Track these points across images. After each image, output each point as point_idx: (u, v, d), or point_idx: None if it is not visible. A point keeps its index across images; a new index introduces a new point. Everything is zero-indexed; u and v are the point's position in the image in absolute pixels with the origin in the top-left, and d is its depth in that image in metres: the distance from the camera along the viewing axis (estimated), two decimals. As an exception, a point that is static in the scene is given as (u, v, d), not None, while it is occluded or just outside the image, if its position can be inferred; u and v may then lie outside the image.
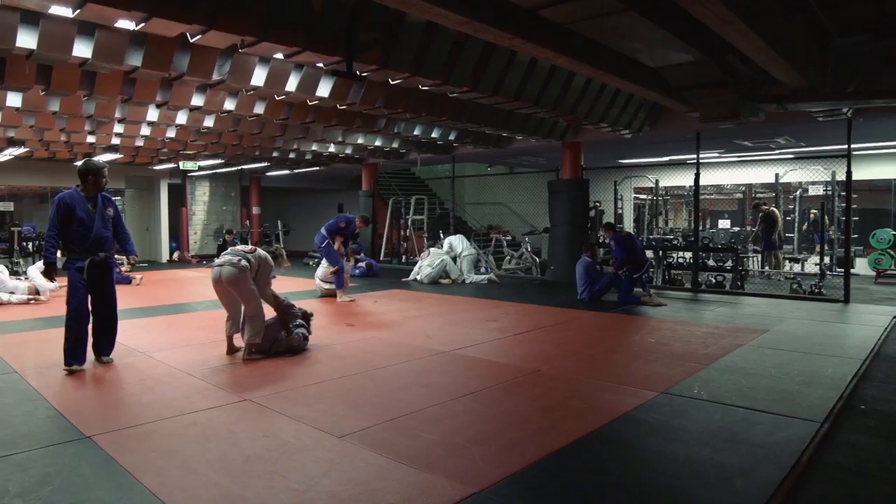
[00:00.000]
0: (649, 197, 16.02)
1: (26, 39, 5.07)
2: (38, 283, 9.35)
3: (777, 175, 14.35)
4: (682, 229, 15.80)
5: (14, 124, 9.19)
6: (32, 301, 9.14)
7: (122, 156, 14.06)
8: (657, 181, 14.93)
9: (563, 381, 4.85)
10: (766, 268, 12.95)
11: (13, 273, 11.13)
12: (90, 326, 5.29)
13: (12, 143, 11.67)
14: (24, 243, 15.28)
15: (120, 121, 9.15)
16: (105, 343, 5.39)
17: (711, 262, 11.46)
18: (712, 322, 7.39)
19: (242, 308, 5.60)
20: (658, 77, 7.20)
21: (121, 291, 10.89)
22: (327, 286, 9.67)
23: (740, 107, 7.14)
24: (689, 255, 11.49)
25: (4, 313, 8.18)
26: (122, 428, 3.75)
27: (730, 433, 3.65)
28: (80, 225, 5.07)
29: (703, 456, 3.32)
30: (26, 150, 12.72)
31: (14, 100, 7.58)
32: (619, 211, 14.67)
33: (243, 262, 5.47)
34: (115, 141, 11.45)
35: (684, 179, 13.24)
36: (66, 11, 4.60)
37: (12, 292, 9.13)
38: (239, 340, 5.70)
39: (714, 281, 10.67)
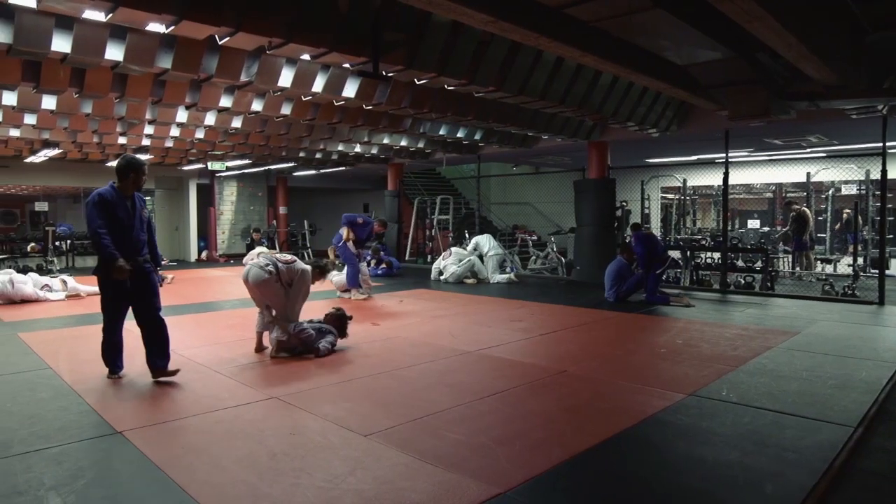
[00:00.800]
0: (677, 196, 15.84)
1: (61, 43, 5.18)
2: (80, 288, 9.61)
3: (808, 174, 14.09)
4: (711, 229, 15.60)
5: (49, 126, 9.40)
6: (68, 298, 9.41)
7: (152, 156, 14.29)
8: (685, 180, 14.77)
9: (589, 381, 4.82)
10: (797, 269, 12.72)
11: (47, 272, 11.38)
12: (141, 338, 4.95)
13: (47, 144, 11.95)
14: (58, 243, 15.64)
15: (150, 122, 9.32)
16: (159, 353, 4.89)
17: (740, 263, 11.31)
18: (741, 323, 7.28)
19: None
20: (686, 75, 7.11)
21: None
22: (349, 296, 9.74)
23: (770, 105, 7.03)
24: (717, 255, 11.33)
25: (40, 310, 8.38)
26: (152, 424, 3.82)
27: (759, 436, 3.59)
28: (120, 226, 4.69)
29: (731, 459, 3.27)
30: (60, 151, 13.03)
31: (49, 102, 7.75)
32: (646, 211, 14.55)
33: (270, 268, 5.56)
34: (146, 142, 11.64)
35: (713, 179, 13.07)
36: (98, 16, 4.68)
37: (47, 286, 9.39)
38: (267, 339, 5.77)
39: (743, 282, 10.52)
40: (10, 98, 7.43)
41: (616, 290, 9.06)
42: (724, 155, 10.26)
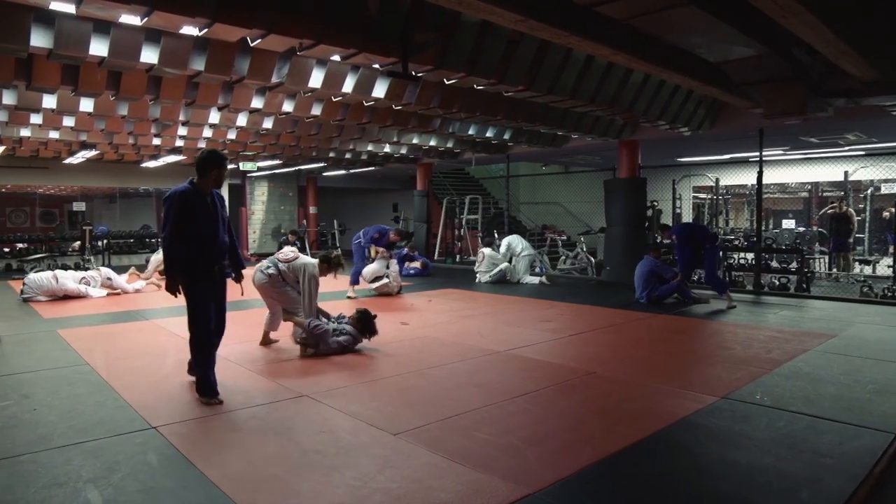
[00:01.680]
0: (709, 196, 15.60)
1: (98, 48, 5.30)
2: (119, 284, 9.84)
3: (846, 173, 13.75)
4: (744, 229, 15.33)
5: (86, 128, 9.61)
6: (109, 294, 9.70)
7: (185, 157, 14.53)
8: (717, 180, 14.54)
9: (620, 383, 4.77)
10: (834, 269, 12.42)
11: (84, 270, 11.62)
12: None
13: (84, 146, 12.25)
14: (95, 242, 16.02)
15: (183, 123, 9.48)
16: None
17: (775, 264, 11.09)
18: (775, 326, 7.14)
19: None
20: (719, 72, 6.99)
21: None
22: (376, 285, 9.93)
23: (807, 102, 6.87)
24: (750, 256, 11.12)
25: (78, 307, 8.58)
26: (185, 420, 3.89)
27: (795, 441, 3.52)
28: (201, 228, 4.28)
29: (766, 464, 3.21)
30: (97, 152, 13.34)
31: (87, 105, 7.93)
32: (678, 210, 14.35)
33: (270, 270, 5.80)
34: (179, 143, 11.84)
35: (746, 178, 12.85)
36: (134, 20, 4.77)
37: (85, 279, 9.65)
38: (274, 336, 6.05)
39: (777, 283, 10.30)
40: (49, 101, 7.63)
41: (648, 293, 8.94)
42: (757, 153, 10.08)
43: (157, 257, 13.10)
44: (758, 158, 10.07)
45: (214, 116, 9.06)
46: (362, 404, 4.19)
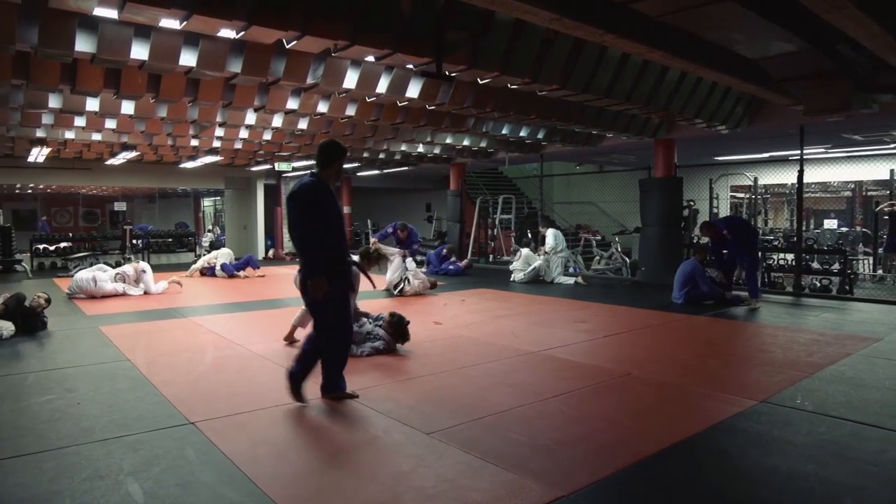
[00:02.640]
0: (747, 195, 15.30)
1: (139, 51, 5.43)
2: (147, 281, 10.05)
3: (893, 171, 13.34)
4: (784, 229, 15.00)
5: (127, 130, 9.86)
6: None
7: (221, 158, 14.81)
8: (756, 179, 14.25)
9: (656, 385, 4.71)
10: (880, 271, 12.05)
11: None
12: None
13: (125, 147, 12.57)
14: (135, 241, 16.41)
15: (220, 125, 9.66)
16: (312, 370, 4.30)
17: (816, 265, 10.81)
18: (817, 328, 6.96)
19: None
20: (758, 69, 6.85)
21: (223, 286, 11.50)
22: (396, 291, 9.95)
23: (851, 98, 6.69)
24: (790, 256, 10.86)
25: (119, 305, 8.80)
26: (222, 416, 3.95)
27: (837, 448, 3.43)
28: (332, 223, 4.08)
29: (807, 471, 3.13)
30: (137, 153, 13.68)
31: (128, 107, 8.14)
32: (715, 210, 14.10)
33: None
34: (216, 144, 12.06)
35: (786, 177, 12.57)
36: (174, 24, 4.88)
37: (120, 275, 9.93)
38: (299, 334, 6.05)
39: (819, 285, 10.05)
40: (93, 104, 7.84)
41: (686, 293, 8.79)
42: (798, 152, 9.84)
43: (208, 258, 13.41)
44: (798, 157, 9.83)
45: (251, 118, 9.20)
46: (396, 403, 4.21)
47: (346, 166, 16.67)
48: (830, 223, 15.12)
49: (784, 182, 14.18)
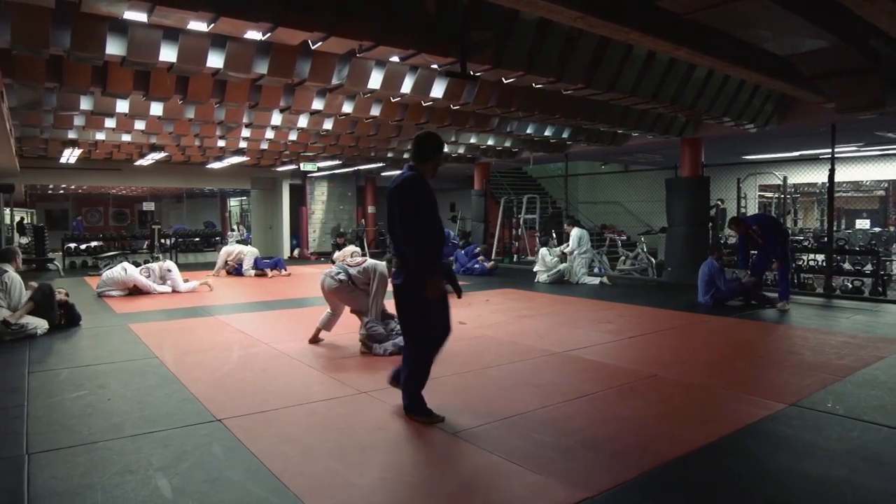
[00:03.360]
0: (776, 195, 15.05)
1: (168, 53, 5.51)
2: (174, 279, 10.22)
3: (928, 170, 13.04)
4: (814, 230, 14.73)
5: (155, 131, 10.01)
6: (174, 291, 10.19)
7: (248, 158, 14.97)
8: (785, 178, 14.02)
9: (682, 387, 4.65)
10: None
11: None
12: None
13: (154, 148, 12.78)
14: (163, 240, 16.69)
15: (247, 125, 9.77)
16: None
17: (847, 266, 10.60)
18: (848, 331, 6.82)
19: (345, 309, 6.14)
20: (787, 66, 6.72)
21: (250, 285, 11.62)
22: None
23: (884, 95, 6.53)
24: (820, 257, 10.66)
25: (148, 303, 8.94)
26: (248, 413, 3.99)
27: (870, 453, 3.35)
28: (434, 219, 3.75)
29: (839, 476, 3.06)
30: (165, 154, 13.91)
31: (156, 109, 8.28)
32: (743, 210, 13.89)
33: (341, 276, 5.91)
34: (242, 144, 12.20)
35: (817, 176, 12.34)
36: (201, 26, 4.94)
37: (145, 270, 10.17)
38: (324, 335, 6.22)
39: (850, 286, 9.85)
40: (122, 106, 7.98)
41: (712, 294, 8.67)
42: (829, 150, 9.65)
43: (229, 249, 13.53)
44: (829, 155, 9.65)
45: (276, 118, 9.29)
46: (420, 403, 4.22)
47: (369, 166, 16.95)
48: (863, 223, 14.82)
49: (814, 181, 13.91)
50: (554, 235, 13.94)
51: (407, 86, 7.04)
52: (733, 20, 5.50)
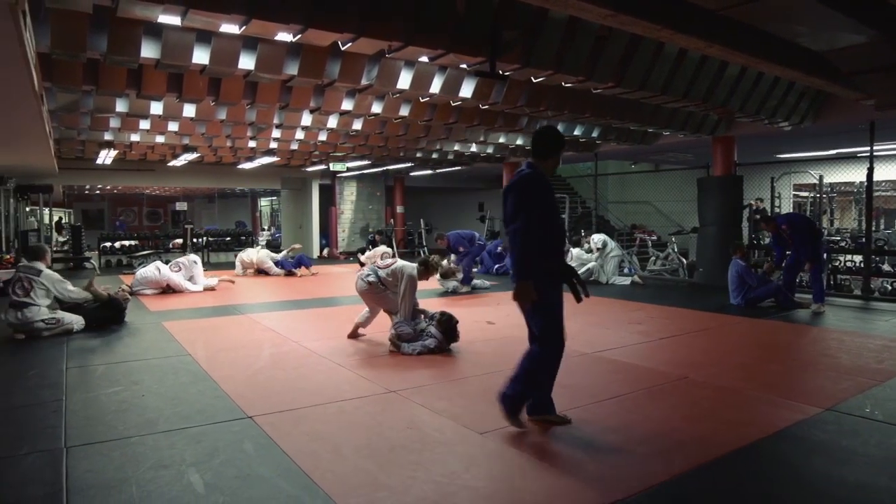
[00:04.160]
0: (812, 194, 14.73)
1: (200, 56, 5.61)
2: (197, 273, 10.44)
3: (971, 168, 12.63)
4: (851, 230, 14.38)
5: (188, 132, 10.20)
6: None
7: (278, 159, 15.14)
8: (821, 177, 13.70)
9: (713, 389, 4.58)
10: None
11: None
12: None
13: (187, 149, 13.00)
14: (196, 239, 16.97)
15: (277, 126, 9.90)
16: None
17: (886, 267, 10.33)
18: (887, 334, 6.64)
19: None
20: (824, 62, 6.58)
21: (279, 284, 11.74)
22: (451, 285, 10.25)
23: (926, 92, 6.37)
24: (858, 258, 10.41)
25: (180, 301, 9.10)
26: (279, 411, 4.04)
27: (911, 459, 3.27)
28: (553, 221, 3.64)
29: (878, 484, 2.98)
30: (198, 155, 14.14)
31: (189, 110, 8.42)
32: (777, 209, 13.62)
33: (370, 278, 6.06)
34: (273, 145, 12.35)
35: (854, 174, 12.05)
36: (233, 29, 5.02)
37: (176, 265, 10.45)
38: (362, 330, 6.39)
39: (889, 288, 9.60)
40: (156, 108, 8.14)
41: (744, 296, 8.52)
42: (867, 148, 9.42)
43: (244, 258, 13.67)
44: (867, 153, 9.41)
45: (306, 119, 9.38)
46: (449, 402, 4.22)
47: (398, 166, 17.01)
48: (903, 223, 14.42)
49: (852, 180, 13.57)
50: (583, 233, 13.83)
51: (436, 86, 7.06)
52: (767, 16, 5.40)
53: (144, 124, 9.49)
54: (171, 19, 4.83)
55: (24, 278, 6.54)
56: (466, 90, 7.29)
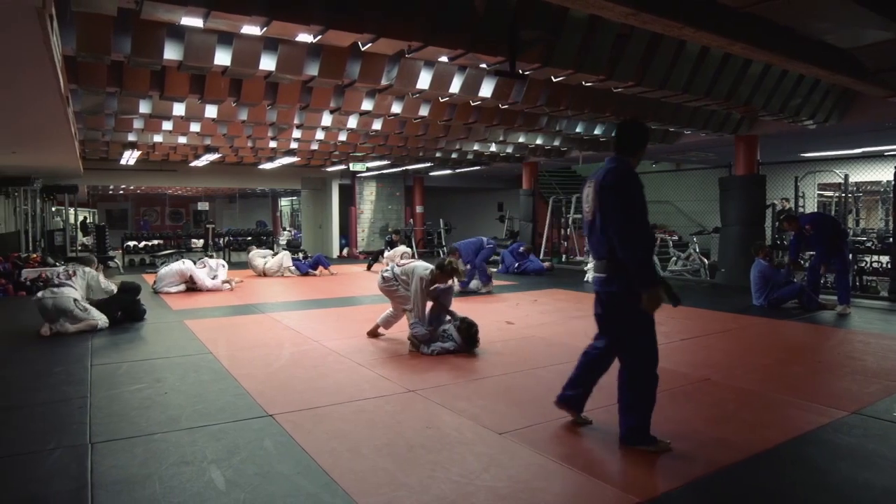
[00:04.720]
0: (837, 194, 14.50)
1: (222, 57, 5.67)
2: (221, 277, 10.54)
3: None
4: (878, 230, 14.13)
5: (210, 133, 10.31)
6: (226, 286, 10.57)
7: (298, 159, 15.25)
8: (846, 176, 13.48)
9: (735, 391, 4.53)
10: None
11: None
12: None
13: (208, 149, 13.15)
14: (217, 239, 17.15)
15: (298, 127, 9.97)
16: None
17: (914, 268, 10.13)
18: (915, 335, 6.53)
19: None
20: (849, 59, 6.47)
21: (299, 284, 11.81)
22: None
23: (955, 89, 6.23)
24: (885, 259, 10.22)
25: (202, 300, 9.20)
26: (299, 409, 4.06)
27: (939, 463, 3.20)
28: (646, 220, 3.33)
29: (904, 486, 2.94)
30: (219, 155, 14.29)
31: (211, 111, 8.52)
32: (801, 209, 13.43)
33: (387, 273, 6.23)
34: (293, 145, 12.44)
35: (880, 173, 11.84)
36: (254, 30, 5.06)
37: (202, 263, 10.64)
38: (382, 330, 6.44)
39: (918, 289, 9.41)
40: (179, 109, 8.24)
41: (767, 297, 8.41)
42: (895, 147, 9.24)
43: (261, 260, 13.69)
44: (895, 152, 9.23)
45: (326, 119, 9.44)
46: (468, 402, 4.22)
47: (418, 166, 17.03)
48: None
49: (878, 179, 13.31)
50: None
51: (455, 85, 7.06)
52: (791, 12, 5.32)
53: (167, 125, 9.61)
54: (193, 21, 4.88)
55: (71, 269, 6.95)
56: (486, 90, 7.28)
